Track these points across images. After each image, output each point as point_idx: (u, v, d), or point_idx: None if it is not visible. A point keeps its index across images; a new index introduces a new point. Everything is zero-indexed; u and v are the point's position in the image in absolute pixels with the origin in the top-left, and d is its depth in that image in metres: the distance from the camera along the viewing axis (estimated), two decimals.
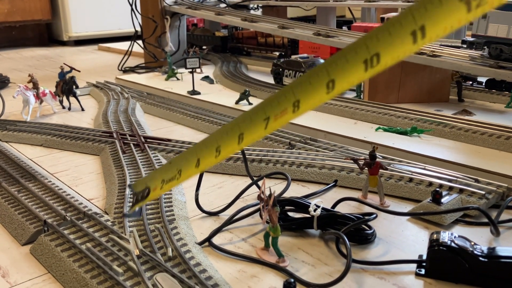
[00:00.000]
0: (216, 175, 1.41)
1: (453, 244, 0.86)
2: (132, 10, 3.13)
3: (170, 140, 1.62)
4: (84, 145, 1.66)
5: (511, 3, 1.72)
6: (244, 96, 2.07)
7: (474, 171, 1.31)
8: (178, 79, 2.71)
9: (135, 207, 0.74)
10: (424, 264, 0.91)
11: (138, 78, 2.80)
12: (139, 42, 3.22)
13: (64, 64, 2.23)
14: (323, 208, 1.03)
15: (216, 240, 1.04)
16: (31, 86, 2.04)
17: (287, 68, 2.30)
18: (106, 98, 2.32)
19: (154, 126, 1.94)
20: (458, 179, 1.21)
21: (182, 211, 1.16)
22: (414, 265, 0.93)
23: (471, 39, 2.02)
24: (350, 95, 2.17)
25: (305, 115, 0.54)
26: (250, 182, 1.27)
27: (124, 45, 3.77)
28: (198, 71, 2.75)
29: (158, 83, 2.62)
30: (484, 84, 2.23)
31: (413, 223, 1.10)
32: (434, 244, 0.88)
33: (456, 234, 0.90)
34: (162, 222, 1.07)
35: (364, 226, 1.02)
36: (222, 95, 2.31)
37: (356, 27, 2.79)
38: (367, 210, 1.15)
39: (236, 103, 2.09)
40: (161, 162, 1.44)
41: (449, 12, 0.37)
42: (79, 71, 2.33)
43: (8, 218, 1.14)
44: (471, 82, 2.29)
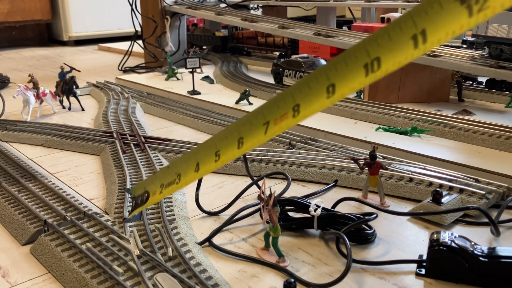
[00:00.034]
0: (216, 175, 1.41)
1: (453, 244, 0.86)
2: (132, 10, 3.13)
3: (170, 140, 1.62)
4: (84, 145, 1.66)
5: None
6: (244, 96, 2.07)
7: (474, 171, 1.31)
8: (178, 79, 2.71)
9: (135, 212, 0.73)
10: (424, 264, 0.91)
11: (138, 78, 2.80)
12: (139, 42, 3.22)
13: (64, 64, 2.23)
14: (323, 208, 1.04)
15: (216, 240, 1.04)
16: (31, 86, 2.04)
17: (287, 68, 2.29)
18: (106, 98, 2.32)
19: (154, 126, 1.94)
20: (458, 179, 1.21)
21: (182, 211, 1.16)
22: (415, 265, 0.93)
23: (471, 39, 2.03)
24: (350, 95, 2.17)
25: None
26: (250, 182, 1.27)
27: (124, 45, 3.77)
28: (198, 71, 2.75)
29: (158, 83, 2.62)
30: (484, 84, 2.23)
31: (413, 223, 1.10)
32: (434, 244, 0.88)
33: (456, 234, 0.90)
34: (162, 222, 1.07)
35: (364, 226, 1.02)
36: (222, 95, 2.31)
37: (356, 27, 2.78)
38: (367, 210, 1.15)
39: (236, 103, 2.09)
40: (161, 162, 1.44)
41: (450, 16, 0.37)
42: (79, 71, 2.33)
43: (8, 218, 1.14)
44: (471, 82, 2.29)
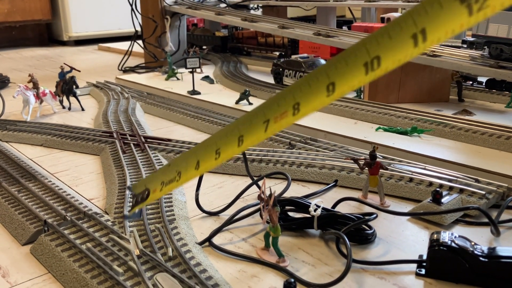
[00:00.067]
0: (216, 175, 1.41)
1: (453, 244, 0.86)
2: (132, 10, 3.13)
3: (170, 140, 1.62)
4: (84, 145, 1.66)
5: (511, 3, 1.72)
6: (244, 96, 2.07)
7: (474, 171, 1.31)
8: (178, 79, 2.71)
9: (135, 209, 0.74)
10: (424, 264, 0.91)
11: (138, 78, 2.80)
12: (139, 42, 3.22)
13: (64, 64, 2.23)
14: (323, 208, 1.03)
15: (216, 240, 1.04)
16: (31, 86, 2.04)
17: (287, 68, 2.29)
18: (106, 98, 2.32)
19: (154, 126, 1.94)
20: (458, 179, 1.21)
21: (182, 211, 1.16)
22: (415, 265, 0.93)
23: (472, 39, 2.02)
24: (350, 95, 2.17)
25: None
26: (250, 182, 1.27)
27: (124, 45, 3.77)
28: (198, 71, 2.75)
29: (158, 83, 2.62)
30: (484, 84, 2.23)
31: (413, 223, 1.10)
32: (434, 244, 0.88)
33: (457, 234, 0.90)
34: (162, 222, 1.07)
35: (364, 226, 1.02)
36: (222, 95, 2.31)
37: (356, 27, 2.78)
38: (367, 210, 1.15)
39: (236, 103, 2.09)
40: (161, 162, 1.44)
41: (450, 15, 0.37)
42: (79, 71, 2.33)
43: (8, 218, 1.14)
44: (471, 82, 2.29)
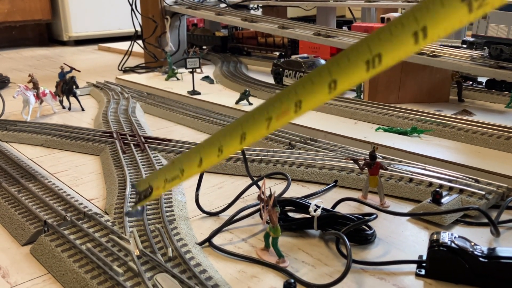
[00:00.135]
0: (216, 175, 1.41)
1: (453, 245, 0.86)
2: (132, 10, 3.13)
3: (170, 140, 1.62)
4: (84, 145, 1.66)
5: (511, 3, 1.72)
6: (244, 96, 2.07)
7: (474, 172, 1.31)
8: (178, 79, 2.71)
9: (138, 206, 0.74)
10: (424, 264, 0.91)
11: (138, 78, 2.80)
12: (139, 42, 3.22)
13: (64, 64, 2.23)
14: (323, 209, 1.04)
15: (216, 240, 1.04)
16: (31, 86, 2.04)
17: (287, 68, 2.30)
18: (106, 98, 2.32)
19: (154, 126, 1.94)
20: (458, 180, 1.21)
21: (182, 211, 1.16)
22: (414, 265, 0.93)
23: (471, 39, 2.03)
24: (350, 95, 2.17)
25: (305, 115, 0.54)
26: (250, 182, 1.27)
27: (124, 45, 3.77)
28: (198, 71, 2.75)
29: (158, 83, 2.62)
30: (484, 84, 2.23)
31: (413, 223, 1.11)
32: (434, 244, 0.88)
33: (456, 234, 0.90)
34: (162, 222, 1.07)
35: (364, 227, 1.02)
36: (222, 95, 2.31)
37: (356, 27, 2.78)
38: (367, 210, 1.15)
39: (236, 103, 2.09)
40: (161, 162, 1.44)
41: (450, 12, 0.37)
42: (79, 71, 2.33)
43: (8, 218, 1.14)
44: (471, 82, 2.29)
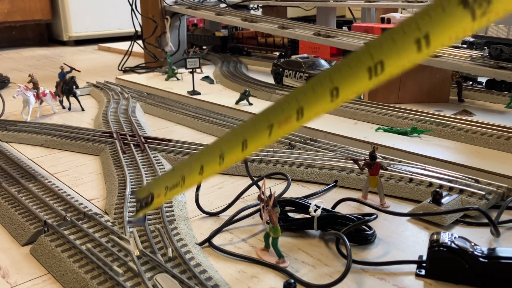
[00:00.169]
0: (216, 176, 1.41)
1: (453, 245, 0.86)
2: (132, 10, 3.13)
3: (170, 140, 1.62)
4: (84, 145, 1.66)
5: None
6: (244, 96, 2.07)
7: (474, 172, 1.31)
8: (178, 79, 2.71)
9: (139, 214, 0.73)
10: (424, 264, 0.91)
11: (138, 78, 2.80)
12: (139, 42, 3.22)
13: (64, 64, 2.23)
14: (323, 209, 1.04)
15: (216, 240, 1.04)
16: (31, 86, 2.04)
17: (287, 68, 2.29)
18: (106, 98, 2.32)
19: (154, 126, 1.94)
20: (458, 180, 1.21)
21: (182, 211, 1.16)
22: (414, 265, 0.93)
23: (471, 40, 2.03)
24: None
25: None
26: (250, 182, 1.27)
27: (124, 45, 3.76)
28: (198, 71, 2.75)
29: (158, 83, 2.62)
30: (484, 84, 2.23)
31: (413, 223, 1.10)
32: (434, 244, 0.88)
33: (456, 234, 0.90)
34: (162, 222, 1.07)
35: (364, 227, 1.02)
36: (222, 95, 2.31)
37: (356, 27, 2.78)
38: (367, 210, 1.15)
39: (236, 103, 2.09)
40: (161, 163, 1.44)
41: (453, 20, 0.37)
42: (79, 71, 2.33)
43: (8, 219, 1.14)
44: (471, 83, 2.29)
